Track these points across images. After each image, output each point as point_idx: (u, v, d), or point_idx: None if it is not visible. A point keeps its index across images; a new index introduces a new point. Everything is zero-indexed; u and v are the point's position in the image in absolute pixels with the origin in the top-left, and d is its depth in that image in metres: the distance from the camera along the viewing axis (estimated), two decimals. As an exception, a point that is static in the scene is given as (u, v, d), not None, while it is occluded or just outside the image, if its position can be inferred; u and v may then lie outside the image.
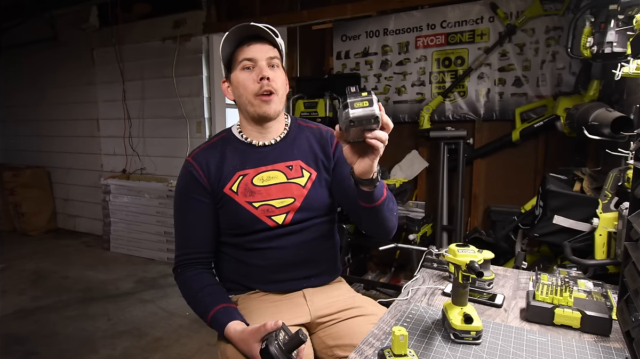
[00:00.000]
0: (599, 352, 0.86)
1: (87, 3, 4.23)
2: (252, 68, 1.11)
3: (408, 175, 3.30)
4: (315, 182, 1.17)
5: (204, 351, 2.34)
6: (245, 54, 1.10)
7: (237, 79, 1.12)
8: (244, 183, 1.13)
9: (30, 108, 5.05)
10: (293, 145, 1.19)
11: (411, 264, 2.92)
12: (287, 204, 1.13)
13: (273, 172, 1.14)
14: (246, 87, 1.11)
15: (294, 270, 1.16)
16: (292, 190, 1.14)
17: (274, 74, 1.11)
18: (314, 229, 1.17)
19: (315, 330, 1.16)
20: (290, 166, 1.16)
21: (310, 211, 1.15)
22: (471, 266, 0.84)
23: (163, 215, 3.84)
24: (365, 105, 0.79)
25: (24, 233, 4.71)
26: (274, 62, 1.12)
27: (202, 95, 3.73)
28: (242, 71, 1.11)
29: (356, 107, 0.79)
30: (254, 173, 1.14)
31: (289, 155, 1.17)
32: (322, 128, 1.25)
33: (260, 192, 1.12)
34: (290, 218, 1.13)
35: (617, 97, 2.16)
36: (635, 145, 0.85)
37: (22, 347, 2.39)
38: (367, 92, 0.79)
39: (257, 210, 1.11)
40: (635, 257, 0.74)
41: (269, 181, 1.14)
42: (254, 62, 1.10)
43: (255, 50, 1.10)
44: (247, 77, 1.11)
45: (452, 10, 3.06)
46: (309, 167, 1.17)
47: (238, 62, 1.12)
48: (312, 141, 1.21)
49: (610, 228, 1.34)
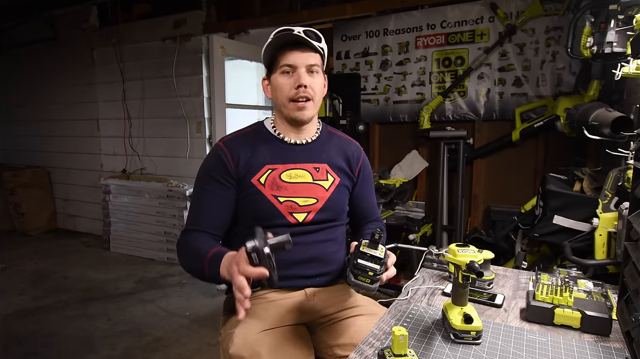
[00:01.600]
0: (599, 352, 0.86)
1: (87, 3, 4.23)
2: (291, 74, 1.13)
3: (408, 175, 3.30)
4: (337, 188, 1.21)
5: (204, 351, 2.34)
6: (286, 59, 1.13)
7: (277, 82, 1.15)
8: (271, 177, 1.15)
9: (30, 108, 5.04)
10: (322, 149, 1.23)
11: (411, 264, 2.92)
12: (310, 204, 1.16)
13: (301, 170, 1.18)
14: (283, 91, 1.14)
15: (301, 268, 1.16)
16: (316, 191, 1.17)
17: (312, 80, 1.14)
18: (328, 231, 1.20)
19: (316, 329, 1.16)
20: (317, 168, 1.20)
21: (330, 214, 1.19)
22: (471, 266, 0.84)
23: (163, 215, 3.84)
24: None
25: (24, 233, 4.71)
26: (313, 68, 1.15)
27: (202, 95, 3.73)
28: (281, 75, 1.14)
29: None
30: (283, 169, 1.16)
31: (317, 157, 1.21)
32: (351, 142, 1.31)
33: (287, 188, 1.15)
34: (310, 217, 1.16)
35: (617, 97, 2.16)
36: (635, 145, 0.85)
37: (22, 347, 2.39)
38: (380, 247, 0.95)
39: (281, 205, 1.14)
40: (635, 257, 0.74)
41: (296, 179, 1.16)
42: (293, 68, 1.13)
43: (296, 57, 1.12)
44: (285, 81, 1.14)
45: (452, 10, 3.06)
46: (334, 172, 1.22)
47: (279, 66, 1.14)
48: (339, 151, 1.25)
49: (610, 228, 1.34)
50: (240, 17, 3.59)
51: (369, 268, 0.92)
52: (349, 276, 0.93)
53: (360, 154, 1.29)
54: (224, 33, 3.67)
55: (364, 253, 0.93)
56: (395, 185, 3.05)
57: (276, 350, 1.00)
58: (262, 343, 1.00)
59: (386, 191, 3.03)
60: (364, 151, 1.34)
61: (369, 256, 0.93)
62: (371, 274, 0.91)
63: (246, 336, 1.02)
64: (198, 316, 2.75)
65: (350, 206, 1.28)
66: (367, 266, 0.92)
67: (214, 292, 3.06)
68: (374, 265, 0.92)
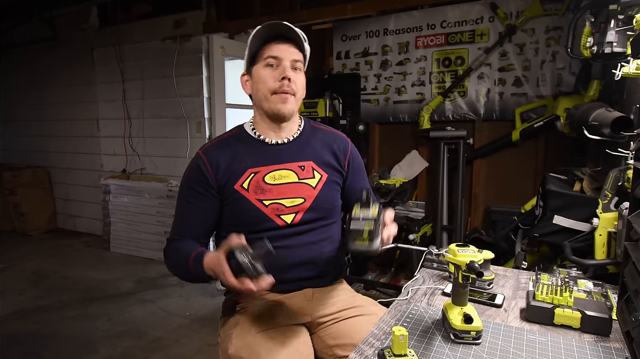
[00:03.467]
0: (599, 352, 0.86)
1: (87, 3, 4.24)
2: (275, 67, 1.12)
3: (408, 175, 3.30)
4: (325, 184, 1.18)
5: (204, 351, 2.33)
6: (271, 51, 1.11)
7: (259, 73, 1.13)
8: (255, 181, 1.12)
9: (30, 108, 5.04)
10: (306, 146, 1.20)
11: (411, 264, 2.92)
12: (297, 204, 1.13)
13: (285, 171, 1.15)
14: (266, 83, 1.12)
15: (298, 271, 1.15)
16: (302, 190, 1.15)
17: (295, 76, 1.12)
18: (320, 230, 1.17)
19: (316, 330, 1.16)
20: (303, 166, 1.17)
21: (319, 212, 1.16)
22: (471, 266, 0.84)
23: (163, 215, 3.84)
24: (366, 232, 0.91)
25: (24, 233, 4.70)
26: (297, 65, 1.13)
27: (202, 95, 3.73)
28: (265, 67, 1.12)
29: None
30: (266, 171, 1.14)
31: (301, 155, 1.18)
32: (337, 135, 1.27)
33: (271, 190, 1.13)
34: (299, 218, 1.13)
35: (617, 97, 2.15)
36: (635, 145, 0.85)
37: (22, 347, 2.39)
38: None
39: (267, 208, 1.11)
40: (635, 257, 0.74)
41: (281, 180, 1.14)
42: (278, 60, 1.11)
43: (282, 49, 1.11)
44: (268, 73, 1.12)
45: (452, 10, 3.06)
46: (320, 168, 1.19)
47: (263, 58, 1.12)
48: (325, 145, 1.22)
49: (610, 228, 1.34)
50: (240, 17, 3.59)
51: (363, 229, 0.90)
52: (348, 244, 0.92)
53: (347, 146, 1.25)
54: (224, 33, 3.66)
55: (356, 218, 0.92)
56: (395, 185, 3.04)
57: (275, 351, 1.00)
58: (261, 344, 1.00)
59: (386, 191, 3.03)
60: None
61: (362, 219, 0.91)
62: (366, 235, 0.90)
63: (245, 336, 1.02)
64: (198, 316, 2.75)
65: (344, 200, 1.25)
66: (361, 228, 0.90)
67: (214, 292, 3.06)
68: (368, 225, 0.90)
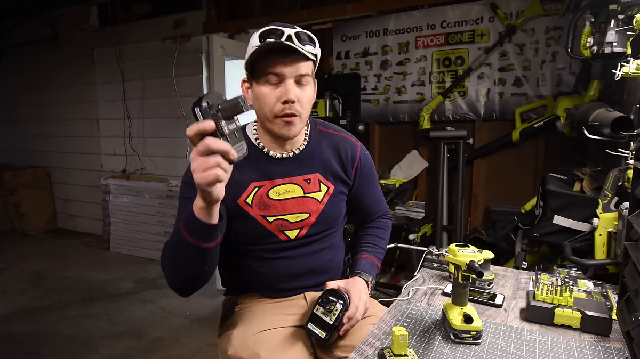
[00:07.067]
0: (599, 352, 0.86)
1: (87, 3, 4.24)
2: (277, 85, 0.99)
3: (408, 175, 3.30)
4: (331, 197, 1.13)
5: (204, 351, 2.33)
6: (273, 67, 0.97)
7: (260, 92, 1.00)
8: (258, 196, 1.07)
9: (30, 108, 5.04)
10: (312, 157, 1.12)
11: (411, 264, 2.92)
12: (302, 219, 1.10)
13: (290, 185, 1.09)
14: (267, 104, 1.00)
15: (301, 279, 1.15)
16: (308, 205, 1.10)
17: (301, 93, 1.01)
18: (324, 240, 1.16)
19: (315, 330, 1.16)
20: (309, 179, 1.11)
21: (324, 225, 1.14)
22: (471, 266, 0.84)
23: (163, 215, 3.84)
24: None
25: (24, 233, 4.71)
26: (303, 79, 1.01)
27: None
28: (266, 85, 0.99)
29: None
30: (270, 186, 1.08)
31: (307, 167, 1.11)
32: (345, 139, 1.17)
33: (276, 206, 1.08)
34: (304, 233, 1.11)
35: (617, 97, 2.15)
36: (635, 145, 0.85)
37: (22, 347, 2.39)
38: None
39: (271, 225, 1.08)
40: (635, 257, 0.74)
41: (285, 195, 1.09)
42: (280, 78, 0.99)
43: (284, 66, 0.97)
44: (270, 93, 0.99)
45: (452, 10, 3.06)
46: (327, 180, 1.13)
47: (263, 73, 0.99)
48: (333, 153, 1.14)
49: (610, 228, 1.34)
50: (240, 17, 3.59)
51: (316, 333, 0.98)
52: (307, 323, 1.00)
53: (355, 152, 1.16)
54: (224, 33, 3.66)
55: (315, 316, 0.99)
56: (395, 185, 3.04)
57: (275, 351, 1.00)
58: (261, 344, 1.00)
59: (386, 191, 3.03)
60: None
61: (320, 321, 0.98)
62: (321, 334, 0.98)
63: (245, 337, 1.02)
64: (198, 316, 2.75)
65: (351, 207, 1.22)
66: (315, 332, 0.98)
67: (214, 292, 3.06)
68: (321, 331, 0.98)
